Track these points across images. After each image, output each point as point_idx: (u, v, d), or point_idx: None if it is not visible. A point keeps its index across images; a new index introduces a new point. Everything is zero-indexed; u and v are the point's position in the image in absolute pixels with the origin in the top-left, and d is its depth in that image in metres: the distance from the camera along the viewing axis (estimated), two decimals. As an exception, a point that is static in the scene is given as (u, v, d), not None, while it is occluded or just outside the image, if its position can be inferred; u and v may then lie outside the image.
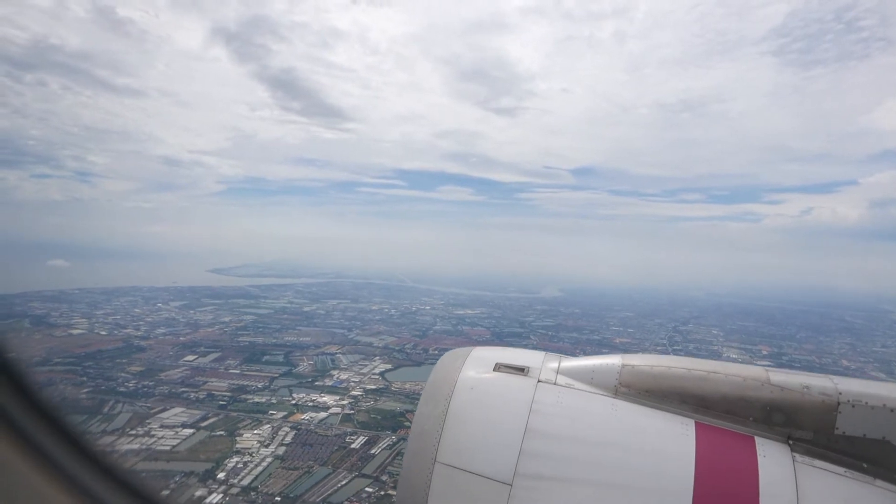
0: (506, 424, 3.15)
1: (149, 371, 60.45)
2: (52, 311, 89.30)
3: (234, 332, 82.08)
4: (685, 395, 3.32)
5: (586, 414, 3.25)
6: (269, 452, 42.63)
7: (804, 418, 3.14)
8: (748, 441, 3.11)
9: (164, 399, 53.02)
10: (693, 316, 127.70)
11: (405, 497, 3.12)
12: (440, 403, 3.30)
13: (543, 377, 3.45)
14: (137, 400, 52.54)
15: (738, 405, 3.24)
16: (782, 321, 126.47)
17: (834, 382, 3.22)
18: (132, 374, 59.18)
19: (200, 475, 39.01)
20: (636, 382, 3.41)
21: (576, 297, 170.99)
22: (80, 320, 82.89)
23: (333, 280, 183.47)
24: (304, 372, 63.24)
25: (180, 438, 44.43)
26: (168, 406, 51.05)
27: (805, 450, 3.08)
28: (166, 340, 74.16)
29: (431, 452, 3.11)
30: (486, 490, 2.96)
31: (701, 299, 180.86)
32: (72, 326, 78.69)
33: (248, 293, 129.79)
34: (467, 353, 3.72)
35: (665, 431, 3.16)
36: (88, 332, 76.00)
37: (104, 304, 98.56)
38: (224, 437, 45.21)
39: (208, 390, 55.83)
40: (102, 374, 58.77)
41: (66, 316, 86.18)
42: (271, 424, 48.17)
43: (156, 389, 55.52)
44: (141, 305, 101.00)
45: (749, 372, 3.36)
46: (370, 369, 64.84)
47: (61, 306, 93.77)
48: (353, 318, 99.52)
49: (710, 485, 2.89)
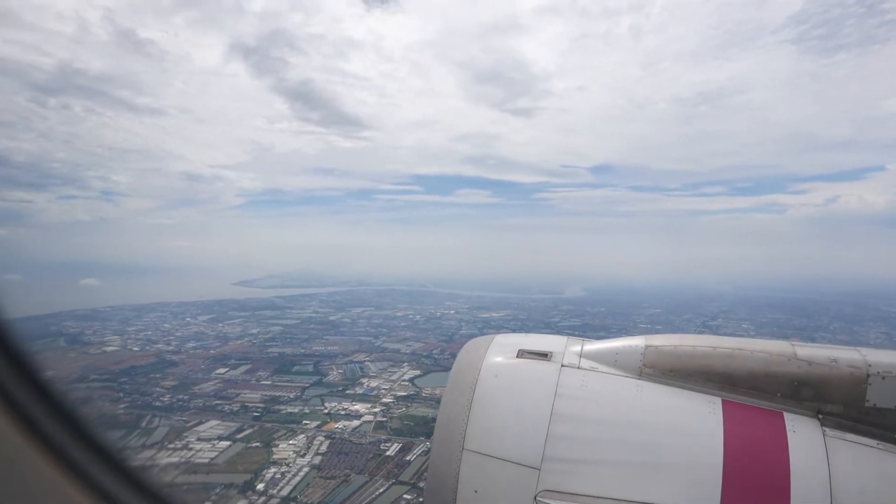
0: (531, 410, 3.15)
1: (182, 385, 61.16)
2: (85, 329, 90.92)
3: (262, 343, 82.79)
4: (711, 373, 3.29)
5: (611, 396, 3.25)
6: (305, 462, 42.83)
7: (833, 392, 3.11)
8: (777, 417, 3.09)
9: (199, 412, 53.62)
10: (722, 310, 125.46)
11: (435, 485, 3.14)
12: (465, 392, 3.31)
13: (567, 361, 3.44)
14: (173, 414, 53.23)
15: (766, 381, 3.21)
16: (814, 312, 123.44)
17: (862, 354, 3.18)
18: (166, 389, 59.91)
19: (240, 486, 39.37)
20: (660, 363, 3.38)
21: (601, 295, 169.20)
22: (113, 337, 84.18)
23: (356, 288, 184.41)
24: (335, 381, 63.52)
25: (217, 451, 44.90)
26: (203, 419, 51.61)
27: (835, 423, 3.05)
28: (197, 354, 75.04)
29: (459, 440, 3.12)
30: (515, 475, 2.96)
31: (729, 293, 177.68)
32: (105, 343, 79.94)
33: (274, 304, 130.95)
34: (490, 340, 3.73)
35: (691, 410, 3.14)
36: (122, 349, 77.15)
37: (135, 321, 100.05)
38: (260, 449, 45.58)
39: (242, 402, 56.32)
40: (138, 390, 59.58)
41: (99, 333, 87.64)
42: (306, 434, 48.44)
43: (190, 403, 56.19)
44: (170, 320, 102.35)
45: (775, 347, 3.33)
46: (399, 376, 64.86)
47: (94, 324, 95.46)
48: (378, 326, 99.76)
49: (740, 461, 2.87)
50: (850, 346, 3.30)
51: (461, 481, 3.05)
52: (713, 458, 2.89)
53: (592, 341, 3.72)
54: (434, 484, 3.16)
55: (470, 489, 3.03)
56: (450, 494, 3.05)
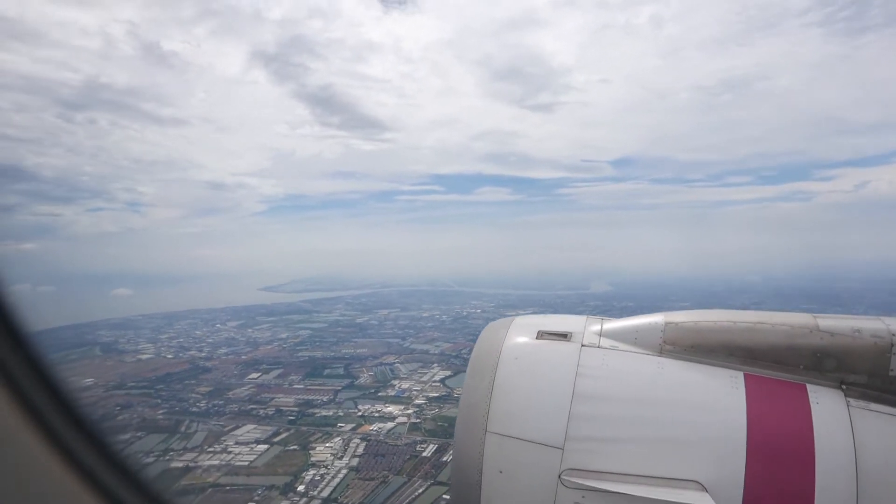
0: (553, 390, 3.17)
1: (217, 390, 62.10)
2: (119, 337, 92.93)
3: (292, 347, 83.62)
4: (732, 347, 3.28)
5: (633, 374, 3.25)
6: (343, 464, 43.19)
7: (856, 362, 3.10)
8: (800, 389, 3.09)
9: (235, 417, 54.45)
10: (753, 302, 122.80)
11: (460, 468, 3.17)
12: (486, 374, 3.32)
13: (587, 341, 3.45)
14: (210, 419, 54.11)
15: (788, 354, 3.21)
16: (849, 301, 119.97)
17: (886, 324, 3.17)
18: (202, 395, 60.91)
19: (281, 488, 39.87)
20: (681, 339, 3.38)
21: (627, 290, 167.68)
22: (147, 345, 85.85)
23: (380, 290, 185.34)
24: (366, 383, 63.84)
25: (256, 454, 45.57)
26: (240, 423, 52.40)
27: (859, 394, 3.05)
28: (229, 360, 76.13)
29: (482, 423, 3.15)
30: (539, 455, 2.99)
31: (758, 284, 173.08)
32: (140, 352, 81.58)
33: (301, 308, 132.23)
34: (509, 322, 3.74)
35: (713, 385, 3.14)
36: (156, 357, 78.62)
37: (167, 329, 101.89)
38: (298, 452, 46.11)
39: (276, 406, 56.99)
40: (175, 396, 60.71)
41: (133, 342, 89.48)
42: (342, 437, 48.82)
43: (226, 408, 57.04)
44: (201, 327, 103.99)
45: (797, 320, 3.31)
46: (430, 377, 64.91)
47: (128, 333, 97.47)
48: (405, 327, 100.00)
49: (764, 434, 2.88)
50: (873, 316, 3.27)
51: (486, 463, 3.07)
52: (737, 432, 2.90)
53: (612, 320, 3.73)
54: (459, 466, 3.18)
55: (495, 470, 3.05)
56: (475, 476, 3.07)
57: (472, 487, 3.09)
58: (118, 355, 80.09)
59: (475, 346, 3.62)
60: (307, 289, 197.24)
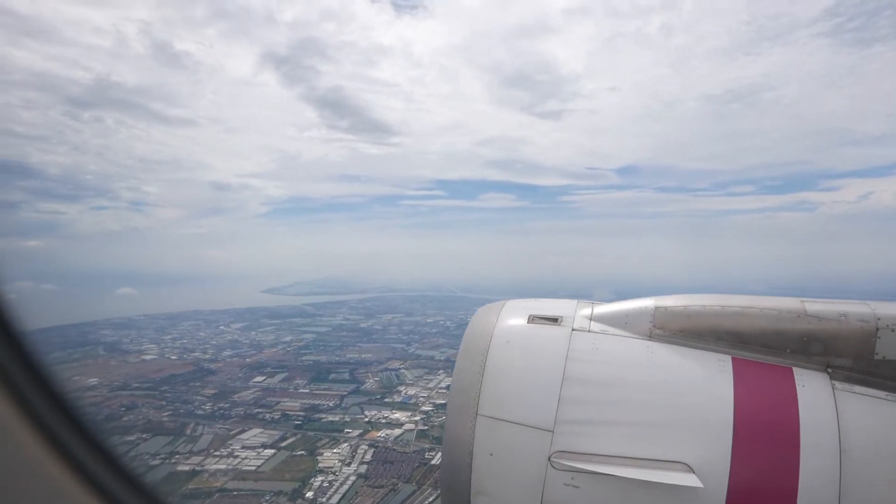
0: (543, 374, 3.21)
1: (222, 393, 61.83)
2: (122, 337, 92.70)
3: (296, 351, 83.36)
4: (721, 332, 3.33)
5: (622, 358, 3.30)
6: (351, 471, 42.89)
7: (843, 346, 3.15)
8: (786, 372, 3.15)
9: (241, 420, 54.16)
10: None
11: (451, 451, 3.20)
12: (477, 358, 3.35)
13: (577, 325, 3.48)
14: (216, 422, 53.82)
15: (775, 338, 3.25)
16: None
17: (872, 308, 3.21)
18: (207, 397, 60.63)
19: (289, 494, 39.53)
20: (670, 323, 3.42)
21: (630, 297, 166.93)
22: (150, 346, 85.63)
23: (384, 294, 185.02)
24: (372, 389, 63.53)
25: (263, 459, 45.29)
26: (246, 427, 52.09)
27: (845, 377, 3.11)
28: (234, 362, 75.85)
29: (473, 406, 3.19)
30: (529, 438, 3.03)
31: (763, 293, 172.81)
32: (143, 352, 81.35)
33: (304, 312, 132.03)
34: (500, 306, 3.75)
35: (702, 369, 3.19)
36: (160, 357, 78.42)
37: (170, 329, 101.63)
38: (305, 457, 45.81)
39: (282, 410, 56.69)
40: (179, 398, 60.42)
41: (136, 342, 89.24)
42: (349, 443, 48.50)
43: (232, 411, 56.77)
44: (204, 329, 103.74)
45: (785, 304, 3.36)
46: (436, 383, 64.51)
47: (131, 332, 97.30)
48: (410, 332, 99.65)
49: (750, 417, 2.93)
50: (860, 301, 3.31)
51: (476, 446, 3.11)
52: (724, 415, 2.95)
53: (602, 304, 3.74)
54: (450, 449, 3.21)
55: (485, 453, 3.09)
56: (466, 459, 3.12)
57: (462, 470, 3.13)
58: (122, 355, 79.80)
59: (466, 329, 3.64)
60: (310, 292, 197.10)
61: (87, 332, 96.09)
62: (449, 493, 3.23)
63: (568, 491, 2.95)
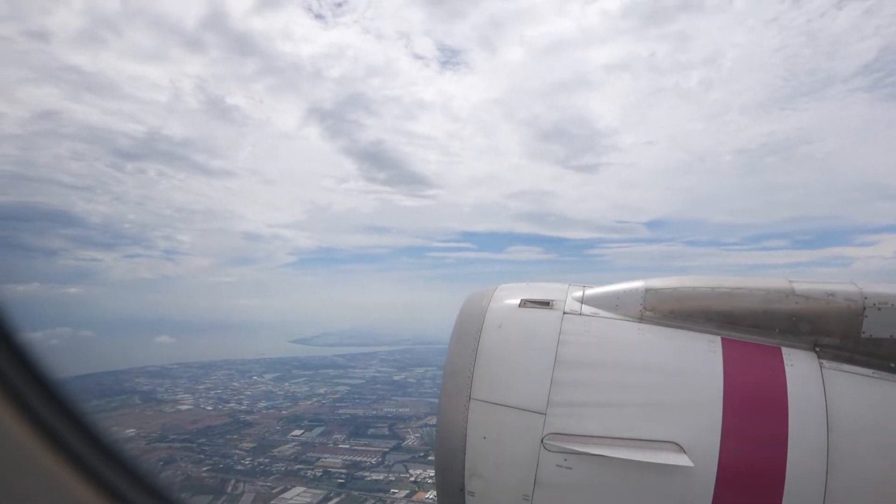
0: (535, 357, 3.21)
1: (261, 447, 60.59)
2: (157, 386, 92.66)
3: (332, 403, 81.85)
4: (710, 313, 3.33)
5: (613, 340, 3.31)
6: (402, 536, 40.60)
7: (830, 325, 3.16)
8: (775, 352, 3.15)
9: (283, 477, 52.77)
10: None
11: (445, 435, 3.21)
12: (470, 343, 3.36)
13: (569, 308, 3.47)
14: (257, 478, 52.52)
15: (764, 318, 3.25)
16: None
17: (859, 287, 3.21)
18: (246, 451, 59.46)
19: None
20: (660, 305, 3.41)
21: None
22: (185, 395, 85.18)
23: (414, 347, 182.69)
24: (413, 445, 61.39)
25: (309, 521, 43.31)
26: (288, 485, 50.67)
27: (832, 355, 3.11)
28: (270, 414, 74.72)
29: (466, 390, 3.20)
30: (522, 421, 3.05)
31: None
32: (179, 402, 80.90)
33: (336, 363, 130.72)
34: (492, 291, 3.76)
35: (692, 350, 3.20)
36: (195, 408, 77.76)
37: (203, 378, 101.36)
38: (352, 519, 43.67)
39: (323, 467, 55.09)
40: (218, 451, 59.33)
41: (171, 391, 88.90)
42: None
43: (272, 467, 55.39)
44: (237, 378, 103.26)
45: (773, 285, 3.36)
46: (480, 441, 62.10)
47: (165, 381, 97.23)
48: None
49: (739, 396, 2.96)
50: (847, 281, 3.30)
51: (470, 429, 3.13)
52: (713, 395, 2.97)
53: (593, 287, 3.73)
54: (444, 433, 3.22)
55: (478, 436, 3.11)
56: (459, 442, 3.13)
57: (456, 454, 3.14)
58: (157, 405, 79.38)
59: (458, 314, 3.63)
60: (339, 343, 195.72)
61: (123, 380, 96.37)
62: (443, 477, 3.23)
63: (560, 472, 2.96)
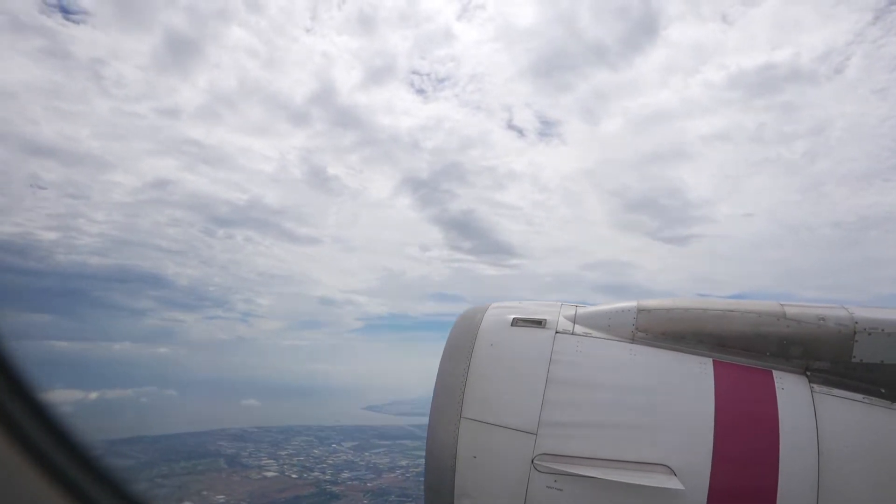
0: (527, 377, 3.23)
1: (354, 524, 57.96)
2: (240, 450, 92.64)
3: (416, 477, 78.42)
4: (702, 335, 3.32)
5: (605, 360, 3.31)
6: None
7: (821, 349, 3.16)
8: (766, 375, 3.14)
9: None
10: None
11: (435, 454, 3.21)
12: (462, 361, 3.37)
13: (561, 328, 3.46)
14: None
15: (755, 341, 3.25)
16: None
17: (850, 312, 3.20)
18: (337, 526, 56.97)
19: None
20: (653, 326, 3.40)
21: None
22: (269, 461, 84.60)
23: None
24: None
25: None
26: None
27: (823, 380, 3.11)
28: (355, 486, 72.73)
29: (456, 409, 3.21)
30: (513, 440, 3.06)
31: None
32: (264, 468, 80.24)
33: (412, 434, 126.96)
34: (485, 309, 3.73)
35: (683, 371, 3.18)
36: (280, 475, 76.94)
37: (284, 444, 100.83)
38: None
39: (419, 548, 51.58)
40: (309, 525, 57.22)
41: (255, 456, 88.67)
42: None
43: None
44: (317, 445, 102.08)
45: (765, 308, 3.36)
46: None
47: (248, 445, 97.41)
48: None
49: (730, 420, 2.95)
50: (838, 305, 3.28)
51: (460, 448, 3.12)
52: (705, 418, 2.96)
53: (586, 307, 3.71)
54: (434, 452, 3.21)
55: (469, 455, 3.10)
56: (449, 462, 3.12)
57: (446, 472, 3.12)
58: (243, 470, 79.01)
59: (451, 331, 3.60)
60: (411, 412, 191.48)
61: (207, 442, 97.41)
62: (432, 496, 3.17)
63: (551, 493, 2.91)
